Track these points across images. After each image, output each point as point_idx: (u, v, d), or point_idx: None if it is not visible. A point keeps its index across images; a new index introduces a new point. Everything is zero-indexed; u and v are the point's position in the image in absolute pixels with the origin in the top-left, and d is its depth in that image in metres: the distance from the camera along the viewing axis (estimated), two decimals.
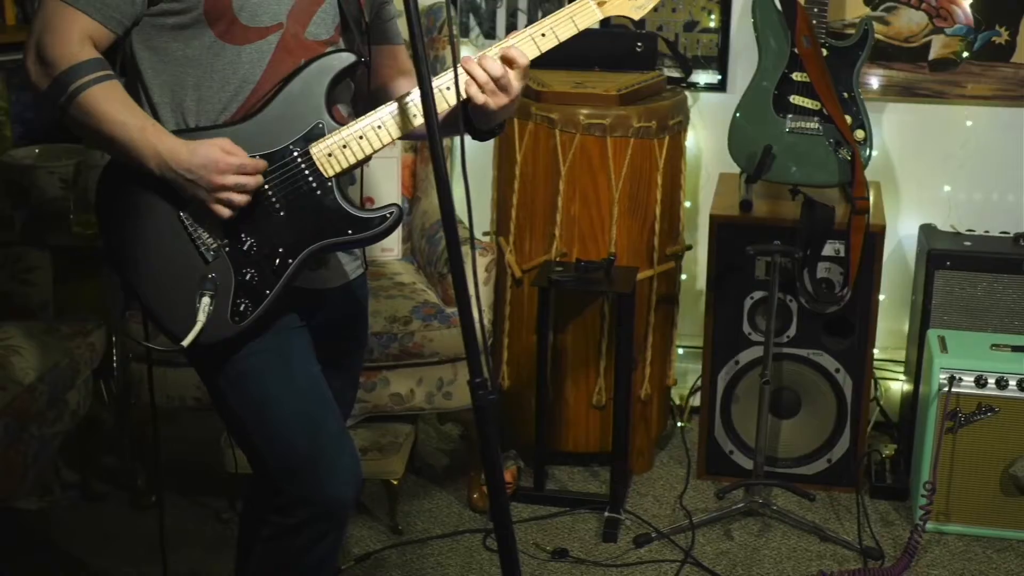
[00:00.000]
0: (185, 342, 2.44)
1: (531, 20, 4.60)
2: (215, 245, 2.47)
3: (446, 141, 2.46)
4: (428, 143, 2.35)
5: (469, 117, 2.53)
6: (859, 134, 4.10)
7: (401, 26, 2.68)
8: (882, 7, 4.35)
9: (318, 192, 2.48)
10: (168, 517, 3.79)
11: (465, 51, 4.59)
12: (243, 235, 2.47)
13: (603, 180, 4.08)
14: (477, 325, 2.36)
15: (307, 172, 2.48)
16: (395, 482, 3.95)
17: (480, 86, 2.46)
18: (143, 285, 2.50)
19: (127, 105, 2.41)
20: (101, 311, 4.06)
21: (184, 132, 2.46)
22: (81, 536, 3.92)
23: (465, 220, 2.53)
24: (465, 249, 2.39)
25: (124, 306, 3.95)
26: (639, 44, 4.37)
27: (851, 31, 4.23)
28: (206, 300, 2.45)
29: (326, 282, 2.66)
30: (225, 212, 2.42)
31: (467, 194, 2.40)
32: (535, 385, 4.15)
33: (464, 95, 2.47)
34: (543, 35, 2.50)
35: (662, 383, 4.41)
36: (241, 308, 2.48)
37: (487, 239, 4.36)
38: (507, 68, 2.47)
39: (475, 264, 3.71)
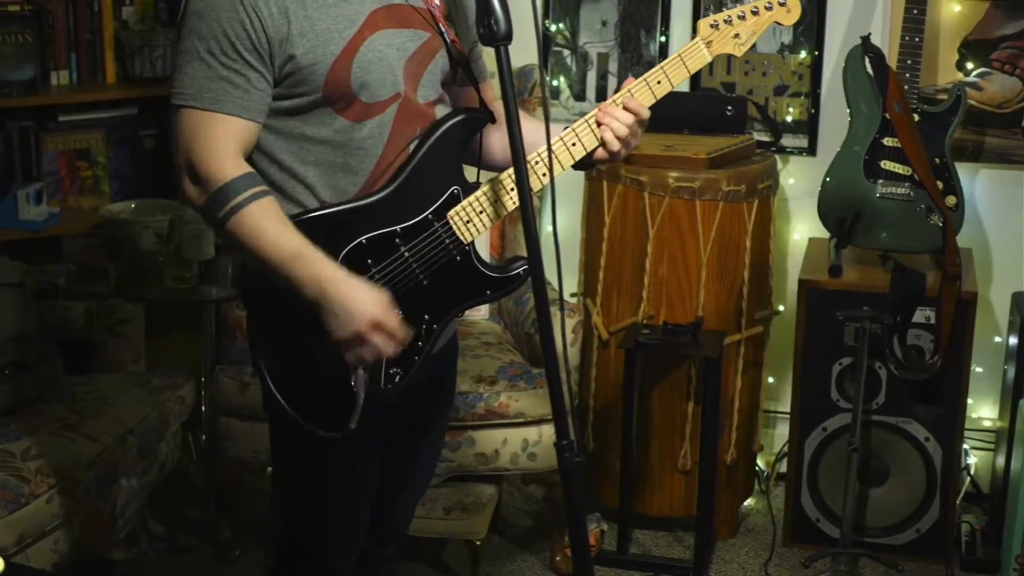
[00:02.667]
0: (353, 424, 2.45)
1: (621, 82, 4.61)
2: None
3: (536, 201, 2.49)
4: (519, 204, 2.36)
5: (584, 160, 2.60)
6: (951, 200, 4.06)
7: (494, 86, 2.70)
8: (975, 73, 4.32)
9: (458, 258, 2.52)
10: (251, 571, 3.81)
11: (555, 113, 4.62)
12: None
13: (691, 243, 4.08)
14: (564, 386, 2.36)
15: (447, 241, 2.50)
16: (478, 542, 3.95)
17: (618, 137, 2.55)
18: (291, 367, 2.51)
19: (283, 226, 2.39)
20: (192, 365, 4.12)
21: (314, 211, 2.45)
22: None
23: (553, 281, 2.54)
24: (553, 310, 2.38)
25: (215, 360, 4.00)
26: (729, 108, 4.37)
27: (943, 97, 4.21)
28: (360, 374, 2.45)
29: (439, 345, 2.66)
30: (350, 358, 2.42)
31: (557, 255, 2.41)
32: (620, 448, 4.14)
33: (596, 142, 2.56)
34: (659, 81, 2.59)
35: (748, 448, 4.37)
36: (396, 379, 2.52)
37: (574, 300, 4.37)
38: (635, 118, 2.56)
39: (563, 325, 3.71)
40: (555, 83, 4.67)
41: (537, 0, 2.42)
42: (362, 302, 2.37)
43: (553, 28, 4.64)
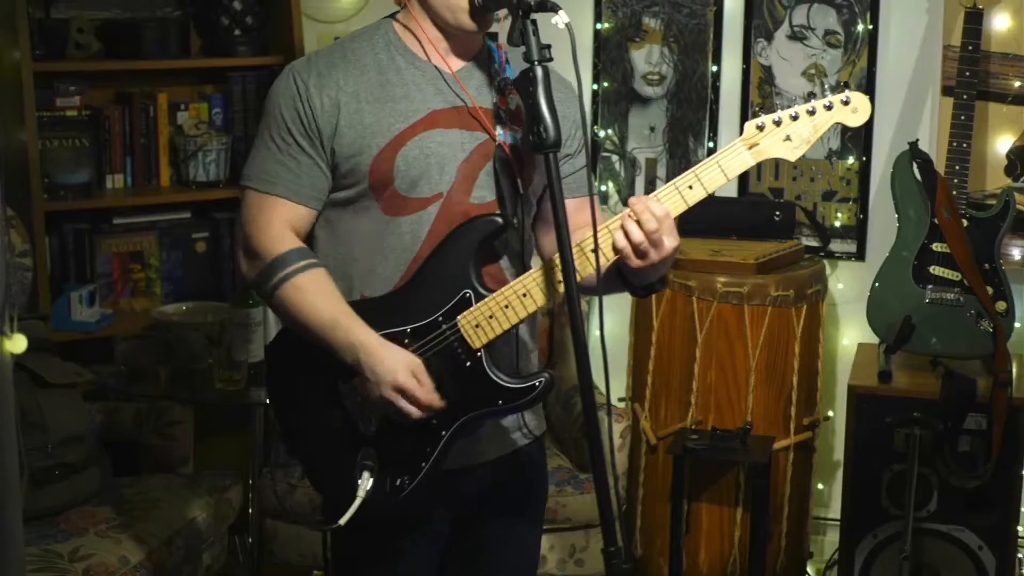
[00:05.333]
0: (342, 520, 2.43)
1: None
2: (373, 419, 2.49)
3: (584, 306, 2.48)
4: (568, 308, 2.36)
5: (625, 275, 2.48)
6: (1001, 306, 4.04)
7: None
8: None
9: (468, 364, 2.47)
10: None
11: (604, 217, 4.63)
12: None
13: (740, 348, 4.07)
14: (612, 492, 2.35)
15: (455, 345, 2.46)
16: None
17: (635, 246, 2.39)
18: (308, 457, 2.59)
19: (325, 295, 2.47)
20: (240, 467, 4.12)
21: (351, 304, 2.49)
22: None
23: (601, 386, 2.53)
24: (601, 415, 2.37)
25: (263, 463, 4.00)
26: (777, 213, 4.38)
27: (992, 202, 4.20)
28: (366, 475, 2.45)
29: (479, 456, 2.62)
30: (393, 415, 2.44)
31: (604, 360, 2.40)
32: (668, 554, 4.10)
33: (614, 255, 2.42)
34: (690, 187, 2.40)
35: (798, 555, 4.33)
36: (398, 483, 2.48)
37: (622, 405, 4.36)
38: (659, 223, 2.37)
39: (611, 430, 3.70)
40: (604, 188, 4.70)
41: (586, 106, 2.45)
42: (387, 367, 2.41)
43: (602, 134, 4.68)
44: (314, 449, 2.57)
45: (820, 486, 4.48)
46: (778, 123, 2.39)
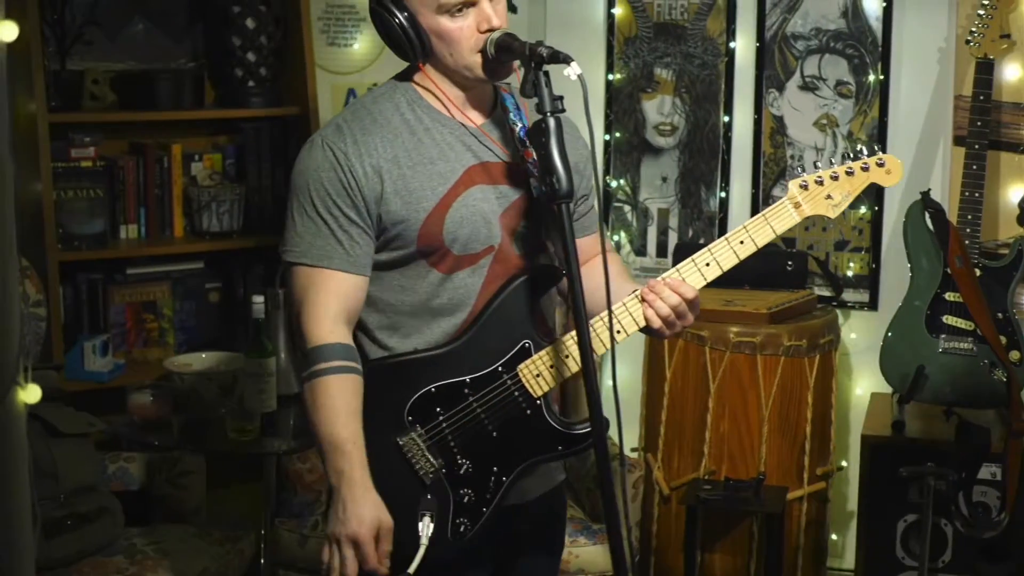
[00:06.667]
0: (411, 569, 2.43)
1: (681, 238, 4.65)
2: (432, 469, 2.50)
3: (596, 356, 2.48)
4: (580, 359, 2.37)
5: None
6: (1015, 355, 4.04)
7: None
8: None
9: (528, 412, 2.51)
10: None
11: None
12: (459, 458, 2.50)
13: (753, 398, 4.06)
14: (625, 543, 2.34)
15: (517, 394, 2.51)
16: None
17: (663, 319, 2.49)
18: None
19: (344, 411, 2.44)
20: (252, 517, 4.11)
21: (393, 356, 2.52)
22: None
23: (615, 436, 2.53)
24: (613, 465, 2.38)
25: (275, 513, 3.99)
26: (790, 263, 4.39)
27: (1004, 251, 4.20)
28: (427, 522, 2.45)
29: (529, 494, 2.64)
30: (324, 556, 2.43)
31: (617, 410, 2.41)
32: None
33: (643, 321, 2.51)
34: (741, 242, 2.54)
35: None
36: (461, 528, 2.51)
37: (635, 455, 4.35)
38: (682, 300, 2.49)
39: (624, 480, 3.70)
40: (616, 238, 4.71)
41: (599, 156, 2.45)
42: (358, 514, 2.40)
43: (614, 184, 4.70)
44: None
45: (834, 536, 4.46)
46: (820, 183, 2.53)
